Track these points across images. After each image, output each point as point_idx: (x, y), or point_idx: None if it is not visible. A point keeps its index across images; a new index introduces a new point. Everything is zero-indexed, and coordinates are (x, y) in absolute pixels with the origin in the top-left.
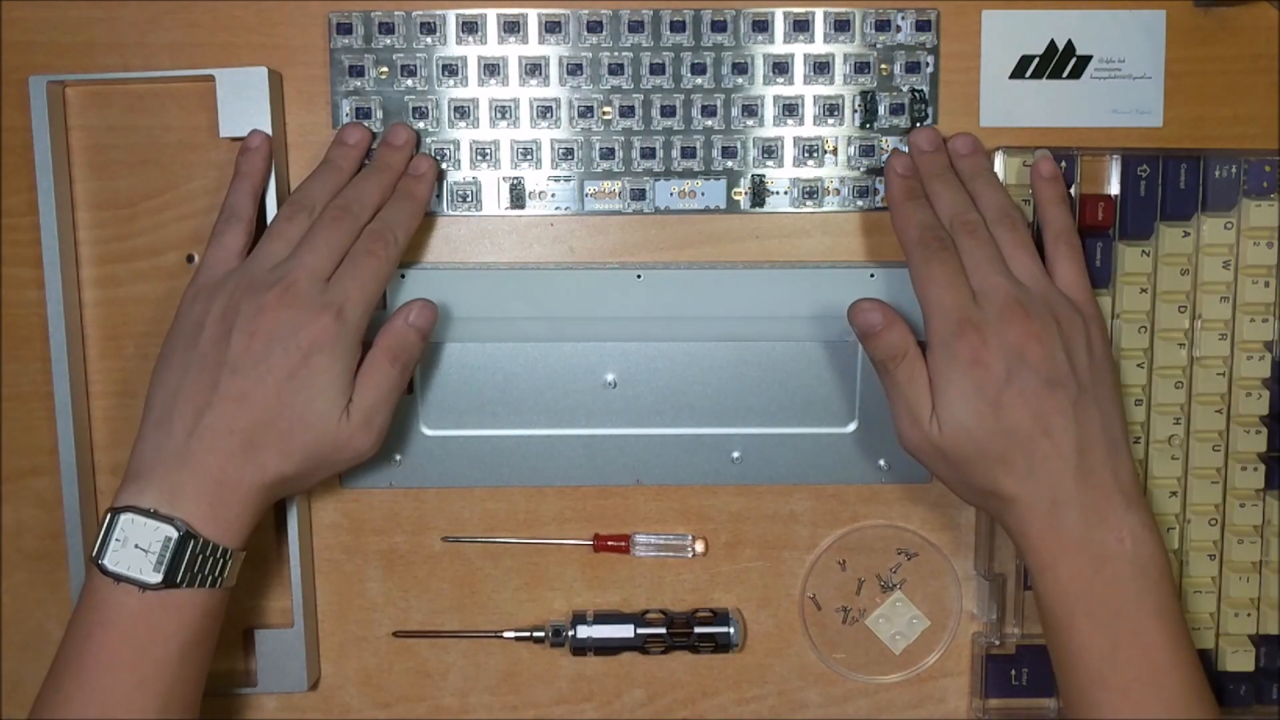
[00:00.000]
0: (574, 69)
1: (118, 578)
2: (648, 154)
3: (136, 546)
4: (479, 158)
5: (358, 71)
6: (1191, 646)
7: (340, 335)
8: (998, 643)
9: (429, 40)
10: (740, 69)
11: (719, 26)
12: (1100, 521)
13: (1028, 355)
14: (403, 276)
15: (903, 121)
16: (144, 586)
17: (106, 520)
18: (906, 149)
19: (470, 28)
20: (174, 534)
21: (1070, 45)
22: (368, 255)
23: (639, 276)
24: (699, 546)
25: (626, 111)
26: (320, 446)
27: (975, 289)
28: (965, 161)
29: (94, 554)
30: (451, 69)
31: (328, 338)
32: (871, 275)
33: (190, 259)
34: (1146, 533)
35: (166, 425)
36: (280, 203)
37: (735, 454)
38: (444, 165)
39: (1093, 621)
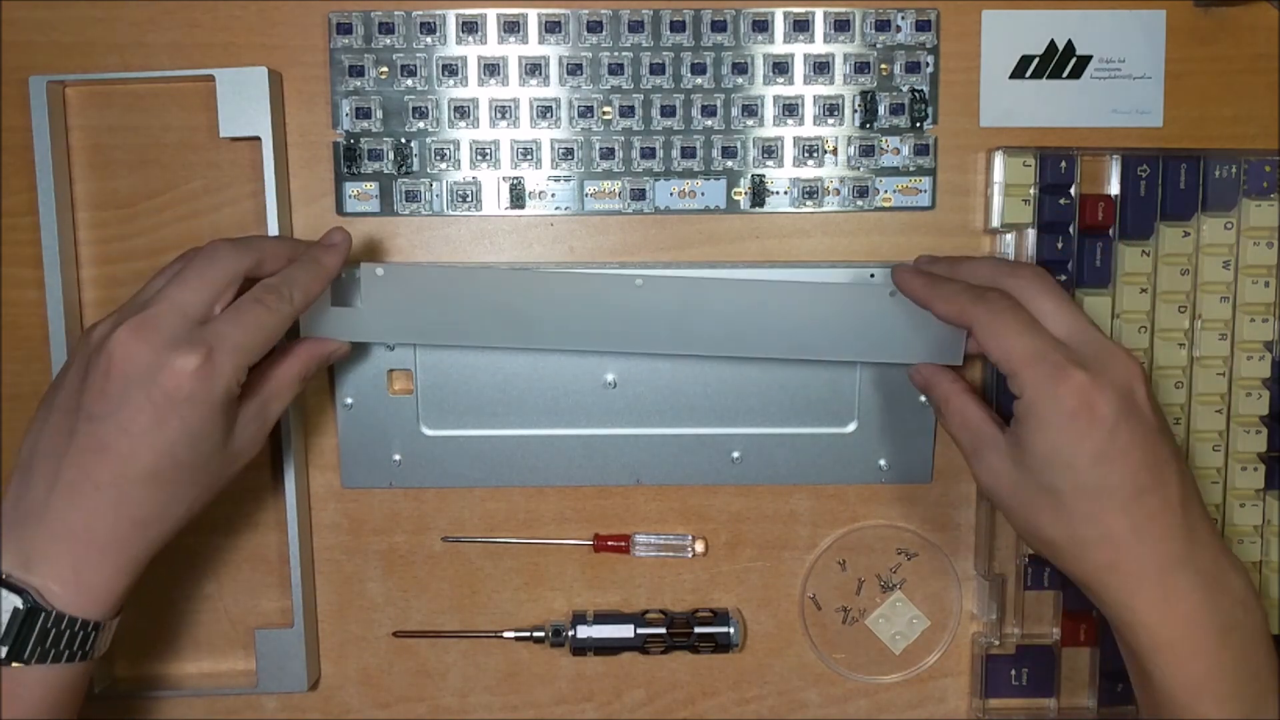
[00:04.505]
0: (574, 69)
1: None
2: (648, 154)
3: None
4: (479, 158)
5: (358, 71)
6: None
7: (211, 380)
8: (998, 643)
9: (429, 40)
10: (740, 69)
11: (719, 26)
12: (1215, 586)
13: (1135, 398)
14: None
15: (903, 121)
16: None
17: None
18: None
19: (470, 28)
20: (19, 605)
21: (1070, 45)
22: (255, 303)
23: (639, 283)
24: (699, 546)
25: (626, 111)
26: (211, 485)
27: (1062, 336)
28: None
29: None
30: (451, 69)
31: (195, 383)
32: (871, 275)
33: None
34: (1253, 599)
35: (27, 477)
36: (279, 206)
37: (735, 454)
38: (444, 165)
39: (1220, 704)
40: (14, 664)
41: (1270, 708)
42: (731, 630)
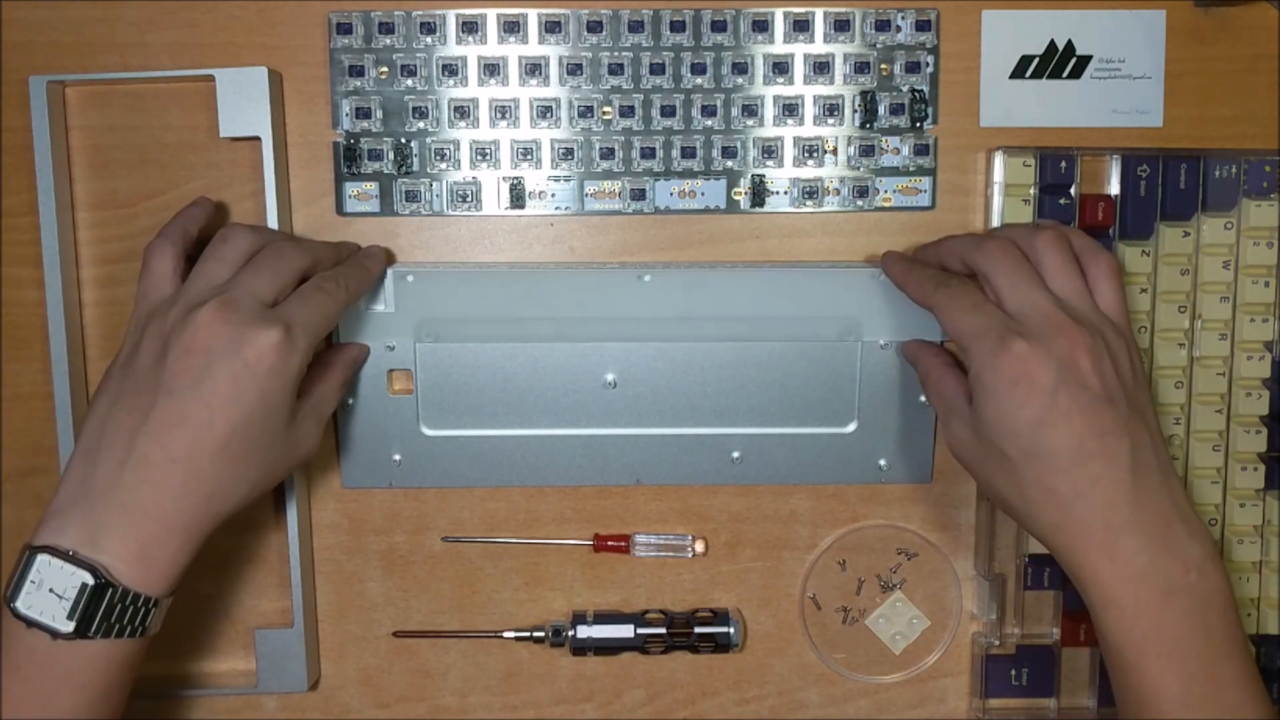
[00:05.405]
0: (574, 69)
1: (29, 623)
2: (648, 154)
3: (51, 591)
4: (479, 158)
5: (358, 71)
6: (1260, 680)
7: (289, 355)
8: (998, 643)
9: (429, 40)
10: (740, 69)
11: (719, 26)
12: (1164, 550)
13: (1078, 367)
14: (410, 279)
15: (903, 121)
16: (55, 635)
17: (23, 559)
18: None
19: (470, 28)
20: (90, 581)
21: (1070, 45)
22: (317, 290)
23: (646, 279)
24: (699, 546)
25: (626, 111)
26: (274, 469)
27: (1012, 311)
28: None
29: (7, 595)
30: (451, 69)
31: (276, 355)
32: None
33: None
34: (1211, 564)
35: (95, 455)
36: (279, 206)
37: (735, 454)
38: (444, 165)
39: (1164, 661)
40: (80, 639)
41: (1228, 669)
42: (731, 630)
